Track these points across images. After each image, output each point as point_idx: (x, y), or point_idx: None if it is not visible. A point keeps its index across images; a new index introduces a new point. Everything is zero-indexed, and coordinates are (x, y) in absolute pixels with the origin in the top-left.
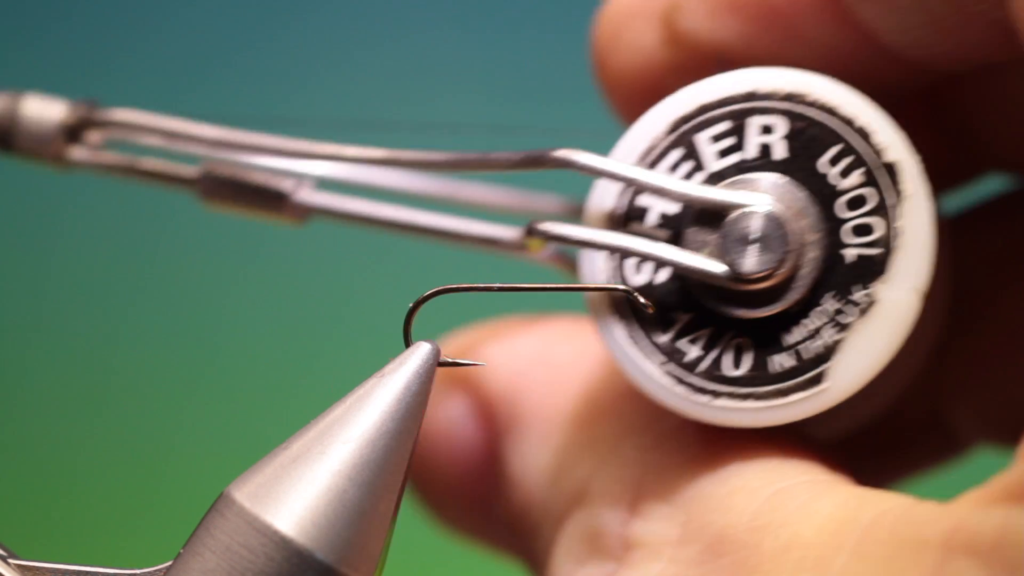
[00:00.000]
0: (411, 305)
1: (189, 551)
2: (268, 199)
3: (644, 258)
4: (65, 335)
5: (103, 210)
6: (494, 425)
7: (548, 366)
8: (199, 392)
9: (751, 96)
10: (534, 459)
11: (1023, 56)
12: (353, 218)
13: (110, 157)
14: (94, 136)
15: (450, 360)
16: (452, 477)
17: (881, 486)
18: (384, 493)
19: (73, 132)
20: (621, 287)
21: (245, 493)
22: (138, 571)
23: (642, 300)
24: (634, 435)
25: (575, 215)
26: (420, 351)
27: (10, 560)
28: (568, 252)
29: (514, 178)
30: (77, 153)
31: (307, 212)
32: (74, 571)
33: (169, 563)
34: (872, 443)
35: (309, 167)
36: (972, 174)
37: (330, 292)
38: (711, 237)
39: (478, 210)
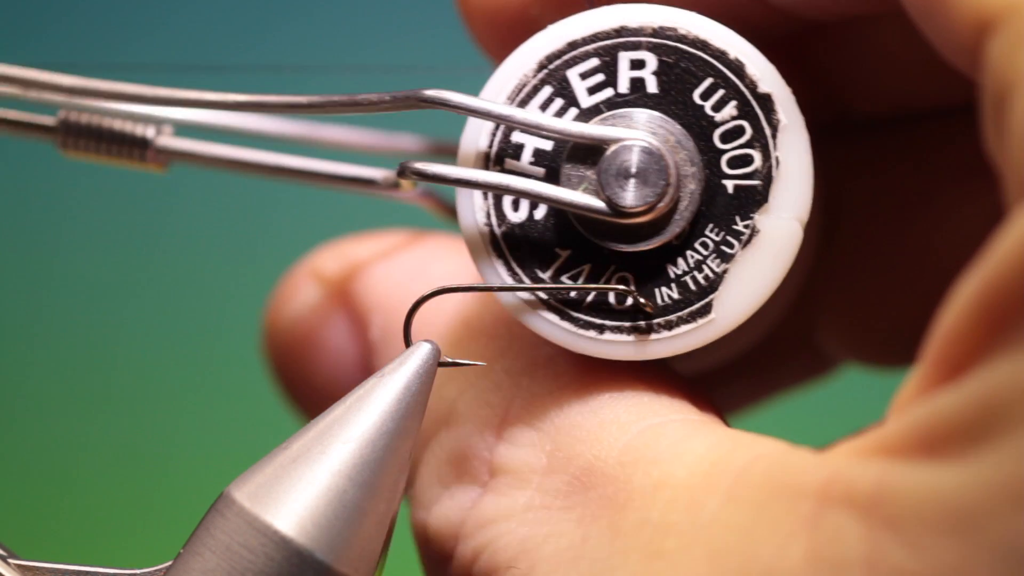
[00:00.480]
0: (411, 305)
1: (189, 551)
2: (130, 146)
3: (524, 196)
4: (65, 335)
5: (103, 209)
6: (368, 338)
7: (423, 282)
8: (199, 392)
9: (620, 31)
10: None
11: (889, 9)
12: (218, 162)
13: None
14: None
15: (450, 360)
16: (326, 387)
17: (750, 404)
18: (384, 493)
19: None
20: (621, 287)
21: (245, 493)
22: (138, 571)
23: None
24: (506, 359)
25: (436, 153)
26: (420, 351)
27: (10, 560)
28: (437, 191)
29: (374, 119)
30: None
31: (170, 158)
32: (74, 571)
33: (169, 563)
34: (742, 362)
35: (170, 113)
36: (829, 122)
37: None
38: (588, 172)
39: (338, 151)
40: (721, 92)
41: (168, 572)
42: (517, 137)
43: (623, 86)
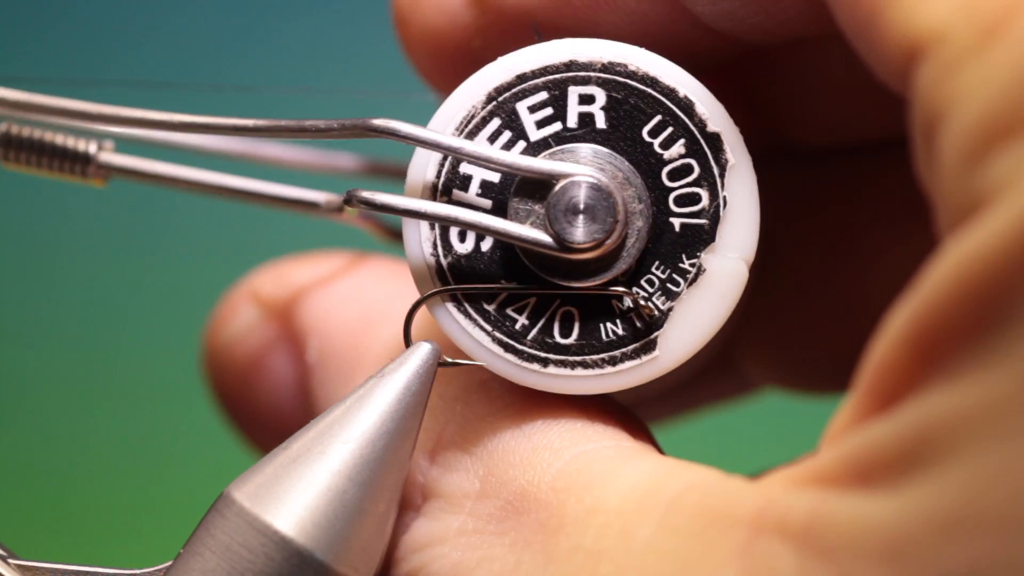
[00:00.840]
0: (411, 306)
1: (189, 551)
2: (71, 160)
3: (472, 228)
4: (65, 335)
5: (104, 208)
6: (304, 359)
7: (361, 305)
8: (199, 392)
9: (570, 65)
10: (339, 397)
11: (831, 31)
12: (160, 179)
13: None
14: None
15: (450, 360)
16: (264, 409)
17: (668, 419)
18: (384, 493)
19: None
20: (622, 289)
21: (245, 493)
22: (138, 571)
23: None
24: (440, 383)
25: (373, 173)
26: (420, 351)
27: (10, 560)
28: (378, 215)
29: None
30: None
31: (111, 173)
32: (74, 571)
33: (169, 563)
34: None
35: (114, 129)
36: (768, 152)
37: None
38: (536, 207)
39: (277, 168)
40: (670, 130)
41: (168, 572)
42: (465, 168)
43: (572, 121)
